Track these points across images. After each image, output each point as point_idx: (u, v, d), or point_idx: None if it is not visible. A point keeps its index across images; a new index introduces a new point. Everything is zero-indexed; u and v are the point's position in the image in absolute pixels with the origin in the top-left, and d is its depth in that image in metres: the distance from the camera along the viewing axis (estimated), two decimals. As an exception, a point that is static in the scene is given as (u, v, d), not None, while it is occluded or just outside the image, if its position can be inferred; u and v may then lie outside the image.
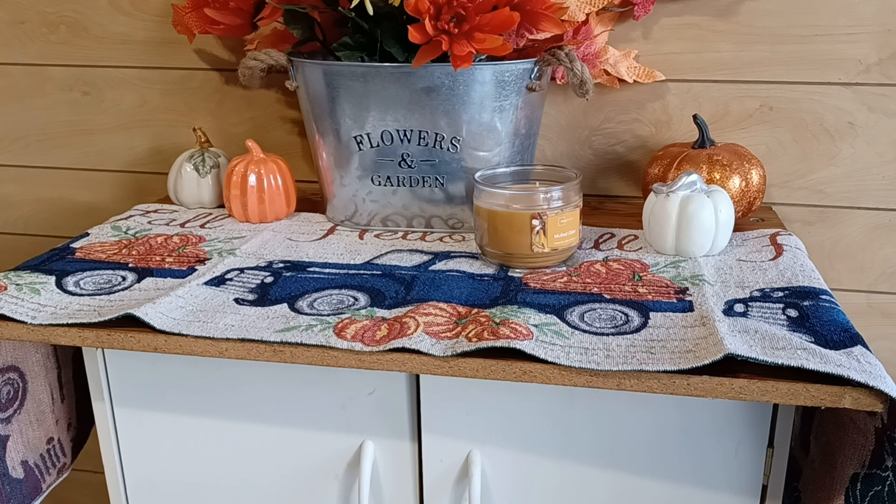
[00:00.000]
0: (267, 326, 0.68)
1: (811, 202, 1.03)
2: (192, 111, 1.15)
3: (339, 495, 0.77)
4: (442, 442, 0.73)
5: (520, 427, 0.71)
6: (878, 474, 0.61)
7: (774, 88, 1.00)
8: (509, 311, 0.69)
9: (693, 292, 0.73)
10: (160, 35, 1.12)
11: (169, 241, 0.89)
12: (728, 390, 0.60)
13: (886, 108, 0.98)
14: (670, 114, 1.03)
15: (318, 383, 0.73)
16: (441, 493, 0.74)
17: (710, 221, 0.80)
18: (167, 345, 0.68)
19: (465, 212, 0.90)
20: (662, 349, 0.63)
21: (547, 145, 1.07)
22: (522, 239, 0.78)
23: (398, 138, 0.87)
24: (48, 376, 0.84)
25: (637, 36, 1.01)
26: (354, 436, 0.74)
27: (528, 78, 0.86)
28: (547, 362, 0.62)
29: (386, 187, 0.90)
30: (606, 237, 0.89)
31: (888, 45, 0.96)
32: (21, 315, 0.71)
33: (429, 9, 0.76)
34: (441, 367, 0.63)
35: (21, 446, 0.81)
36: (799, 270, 0.78)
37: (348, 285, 0.76)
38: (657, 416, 0.69)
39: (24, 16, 1.15)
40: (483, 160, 0.88)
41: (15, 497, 0.80)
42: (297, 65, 0.89)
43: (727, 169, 0.88)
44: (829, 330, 0.65)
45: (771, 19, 0.97)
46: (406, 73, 0.83)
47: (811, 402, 0.59)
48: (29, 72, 1.17)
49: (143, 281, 0.78)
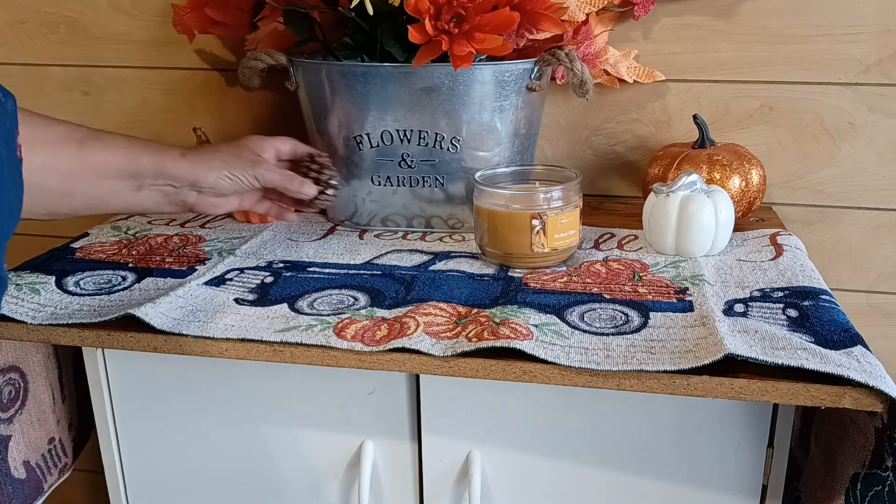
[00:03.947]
0: (267, 326, 0.68)
1: (811, 202, 1.03)
2: (192, 111, 1.15)
3: (339, 495, 0.77)
4: (442, 442, 0.73)
5: (520, 427, 0.71)
6: (878, 474, 0.61)
7: (774, 88, 1.00)
8: (509, 311, 0.69)
9: (693, 292, 0.73)
10: (160, 35, 1.12)
11: (169, 240, 0.89)
12: (728, 390, 0.60)
13: (886, 108, 0.98)
14: (670, 114, 1.03)
15: (318, 383, 0.73)
16: (441, 493, 0.74)
17: (710, 221, 0.80)
18: (167, 345, 0.68)
19: (465, 212, 0.90)
20: (662, 349, 0.63)
21: (547, 145, 1.07)
22: (522, 239, 0.78)
23: (398, 138, 0.87)
24: (49, 376, 0.84)
25: (637, 36, 1.01)
26: (354, 436, 0.74)
27: (528, 78, 0.86)
28: (547, 362, 0.62)
29: (386, 187, 0.90)
30: (606, 237, 0.89)
31: (888, 45, 0.96)
32: (21, 315, 0.71)
33: (429, 9, 0.76)
34: (441, 367, 0.63)
35: (23, 446, 0.81)
36: (799, 270, 0.78)
37: (348, 285, 0.76)
38: (657, 417, 0.69)
39: (24, 16, 1.15)
40: (483, 160, 0.88)
41: (17, 497, 0.80)
42: (297, 65, 0.89)
43: (727, 169, 0.88)
44: (829, 330, 0.65)
45: (771, 19, 0.97)
46: (406, 73, 0.83)
47: (811, 402, 0.59)
48: (29, 72, 1.17)
49: (142, 281, 0.78)
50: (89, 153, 0.71)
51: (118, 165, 0.72)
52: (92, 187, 0.72)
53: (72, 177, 0.70)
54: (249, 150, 0.80)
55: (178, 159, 0.75)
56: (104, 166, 0.71)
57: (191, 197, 0.77)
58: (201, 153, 0.77)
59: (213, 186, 0.77)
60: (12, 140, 0.54)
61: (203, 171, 0.75)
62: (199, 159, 0.76)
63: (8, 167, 0.52)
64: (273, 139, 0.83)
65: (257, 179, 0.78)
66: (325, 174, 0.84)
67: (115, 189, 0.73)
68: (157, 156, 0.74)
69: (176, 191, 0.76)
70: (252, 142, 0.81)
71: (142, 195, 0.75)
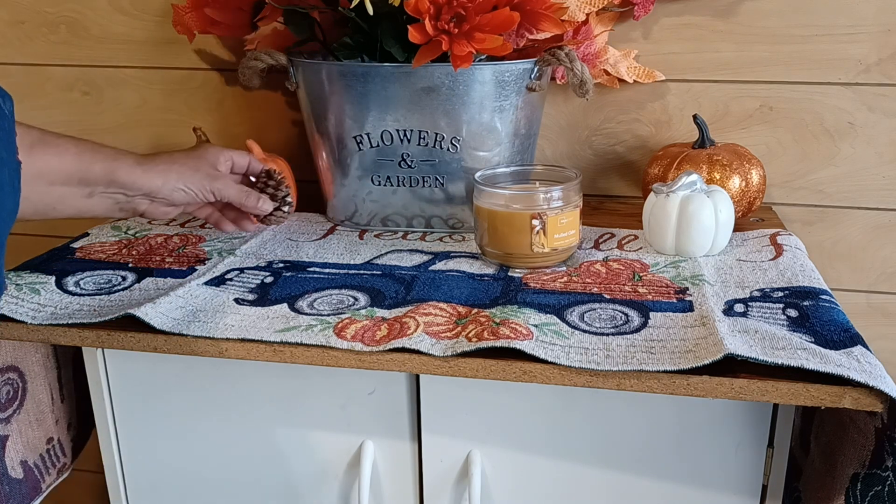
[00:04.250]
0: (267, 326, 0.68)
1: (811, 202, 1.03)
2: (192, 111, 1.15)
3: (339, 495, 0.77)
4: (442, 442, 0.73)
5: (519, 427, 0.71)
6: (878, 474, 0.61)
7: (774, 88, 1.00)
8: (509, 311, 0.69)
9: (693, 292, 0.73)
10: (160, 35, 1.12)
11: (169, 240, 0.89)
12: (728, 390, 0.60)
13: (886, 108, 0.98)
14: (670, 114, 1.03)
15: (318, 383, 0.73)
16: (441, 493, 0.74)
17: (710, 221, 0.79)
18: (167, 345, 0.68)
19: (465, 212, 0.90)
20: (662, 349, 0.63)
21: (547, 145, 1.07)
22: (522, 239, 0.78)
23: (398, 138, 0.87)
24: (48, 376, 0.84)
25: (637, 36, 1.01)
26: (354, 436, 0.74)
27: (528, 78, 0.86)
28: (547, 362, 0.62)
29: (386, 187, 0.90)
30: (606, 237, 0.89)
31: (888, 45, 0.96)
32: (21, 315, 0.71)
33: (429, 9, 0.76)
34: (441, 367, 0.63)
35: (20, 446, 0.81)
36: (799, 270, 0.78)
37: (348, 285, 0.76)
38: (657, 417, 0.69)
39: (24, 16, 1.15)
40: (483, 160, 0.88)
41: (14, 497, 0.80)
42: (297, 65, 0.89)
43: (727, 169, 0.88)
44: (829, 330, 0.65)
45: (771, 19, 0.97)
46: (406, 73, 0.83)
47: (811, 402, 0.59)
48: (29, 72, 1.17)
49: (142, 281, 0.78)
50: (38, 158, 0.68)
51: (68, 172, 0.70)
52: (39, 193, 0.69)
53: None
54: (207, 162, 0.78)
55: (132, 168, 0.72)
56: (53, 173, 0.69)
57: (142, 205, 0.76)
58: (157, 163, 0.75)
59: (167, 197, 0.75)
60: (12, 143, 0.54)
61: (159, 183, 0.74)
62: (154, 170, 0.74)
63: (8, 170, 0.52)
64: (232, 152, 0.81)
65: (213, 194, 0.78)
66: (282, 191, 0.83)
67: (64, 196, 0.71)
68: (110, 164, 0.71)
69: (128, 199, 0.74)
70: (210, 153, 0.79)
71: (92, 202, 0.73)
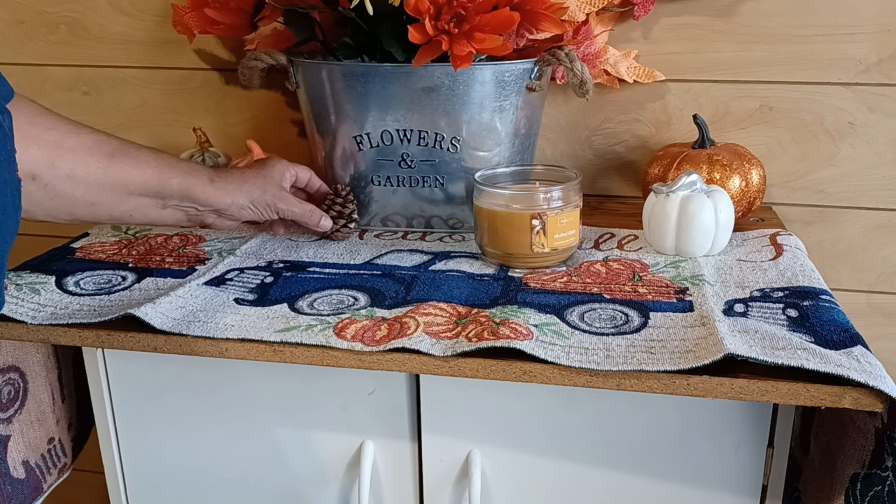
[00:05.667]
0: (267, 326, 0.68)
1: (811, 202, 1.03)
2: (192, 111, 1.15)
3: (339, 495, 0.77)
4: (442, 442, 0.73)
5: (519, 427, 0.71)
6: (878, 474, 0.61)
7: (774, 88, 1.00)
8: (509, 311, 0.69)
9: (693, 292, 0.73)
10: (160, 35, 1.12)
11: (169, 241, 0.89)
12: (728, 390, 0.60)
13: (886, 108, 0.98)
14: (670, 114, 1.03)
15: (318, 383, 0.73)
16: (441, 493, 0.74)
17: (710, 221, 0.79)
18: (167, 345, 0.68)
19: (465, 212, 0.90)
20: (662, 349, 0.63)
21: (547, 145, 1.07)
22: (522, 239, 0.78)
23: (398, 138, 0.87)
24: (49, 376, 0.84)
25: (637, 36, 1.01)
26: (354, 436, 0.74)
27: (528, 78, 0.86)
28: (547, 362, 0.62)
29: (386, 187, 0.90)
30: (606, 237, 0.89)
31: (888, 45, 0.96)
32: (21, 315, 0.71)
33: (429, 9, 0.76)
34: (441, 367, 0.63)
35: (22, 446, 0.81)
36: (799, 270, 0.78)
37: (348, 285, 0.76)
38: (657, 417, 0.69)
39: (24, 16, 1.15)
40: (483, 160, 0.88)
41: (16, 497, 0.80)
42: (297, 65, 0.89)
43: (727, 169, 0.88)
44: (829, 330, 0.65)
45: (771, 19, 0.97)
46: (406, 73, 0.83)
47: (811, 402, 0.59)
48: (29, 72, 1.17)
49: (142, 281, 0.78)
50: (118, 168, 0.71)
51: (146, 184, 0.73)
52: (117, 201, 0.73)
53: (98, 189, 0.71)
54: (274, 182, 0.82)
55: (206, 185, 0.76)
56: (132, 183, 0.72)
57: (210, 218, 0.80)
58: (230, 181, 0.79)
59: (234, 215, 0.80)
60: (13, 161, 0.54)
61: (228, 202, 0.78)
62: (226, 188, 0.78)
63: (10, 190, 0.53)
64: (296, 167, 0.86)
65: (278, 213, 0.83)
66: (349, 207, 0.88)
67: (140, 205, 0.74)
68: (187, 179, 0.75)
69: (199, 213, 0.79)
70: (276, 171, 0.83)
71: (165, 213, 0.77)
